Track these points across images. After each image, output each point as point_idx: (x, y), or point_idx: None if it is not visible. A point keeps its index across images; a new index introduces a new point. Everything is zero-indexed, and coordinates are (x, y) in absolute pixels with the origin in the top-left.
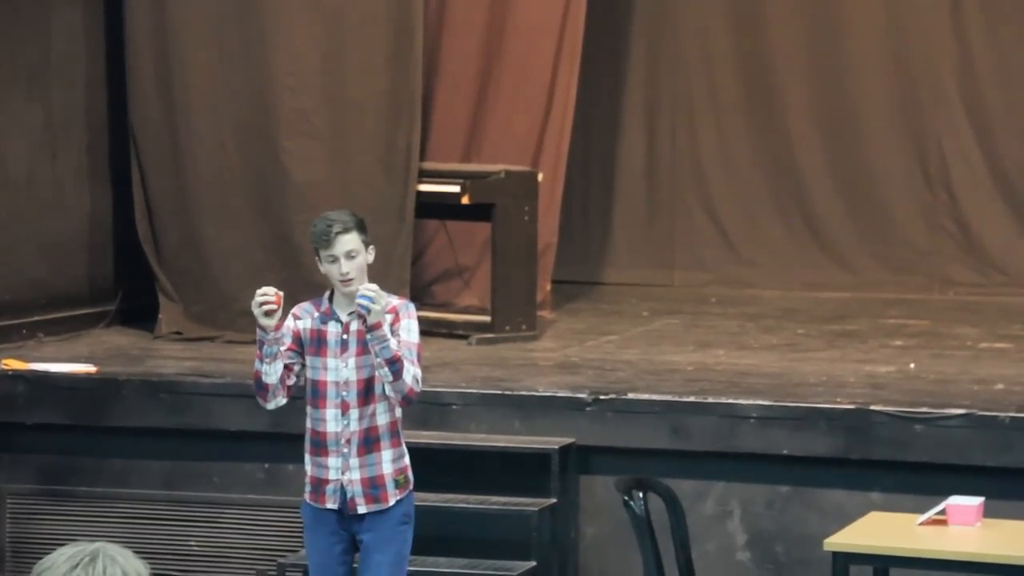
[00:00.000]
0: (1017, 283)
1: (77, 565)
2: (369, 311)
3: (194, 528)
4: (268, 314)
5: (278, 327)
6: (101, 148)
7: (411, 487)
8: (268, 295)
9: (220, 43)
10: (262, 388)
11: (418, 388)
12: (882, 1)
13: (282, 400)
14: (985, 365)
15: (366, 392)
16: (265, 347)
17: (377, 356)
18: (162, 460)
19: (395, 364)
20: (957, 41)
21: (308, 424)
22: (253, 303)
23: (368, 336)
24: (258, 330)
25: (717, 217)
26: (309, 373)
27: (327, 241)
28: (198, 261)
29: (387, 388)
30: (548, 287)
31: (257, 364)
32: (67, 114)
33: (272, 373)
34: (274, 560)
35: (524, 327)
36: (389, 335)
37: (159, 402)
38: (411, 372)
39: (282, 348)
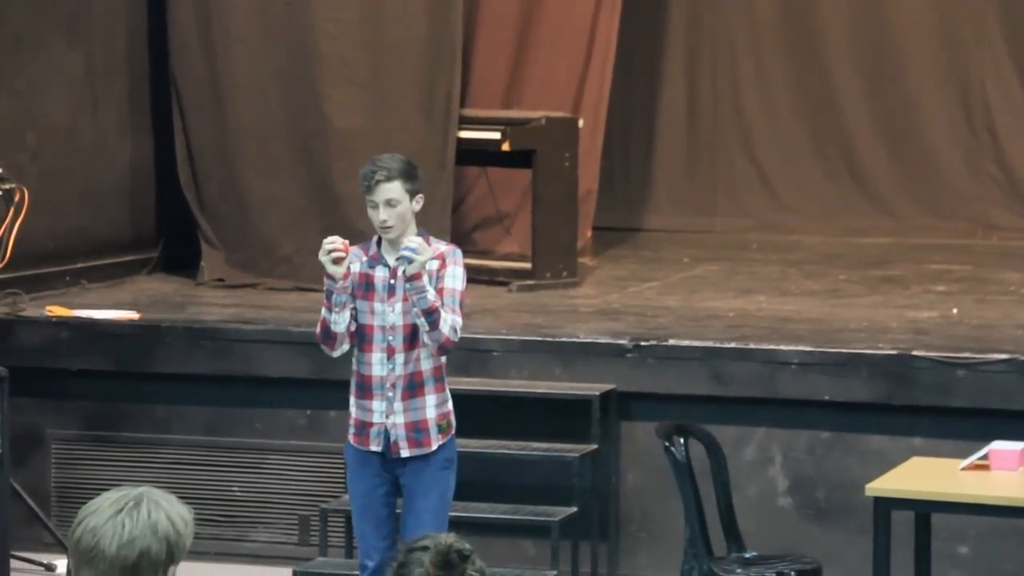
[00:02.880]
0: None
1: (121, 510)
2: (411, 261)
3: (237, 474)
4: (336, 262)
5: (346, 276)
6: (143, 96)
7: (453, 432)
8: (336, 243)
9: None
10: (330, 337)
11: (455, 337)
12: None
13: (347, 346)
14: None
15: (412, 337)
16: (334, 296)
17: (414, 306)
18: (205, 406)
19: (432, 315)
20: None
21: (354, 367)
22: (321, 252)
23: (407, 286)
24: (326, 280)
25: (758, 163)
26: (356, 316)
27: (368, 187)
28: (239, 208)
29: (424, 336)
30: (589, 234)
31: (325, 313)
32: (108, 62)
33: (340, 322)
34: (316, 506)
35: (565, 274)
36: (427, 286)
37: (201, 349)
38: (448, 322)
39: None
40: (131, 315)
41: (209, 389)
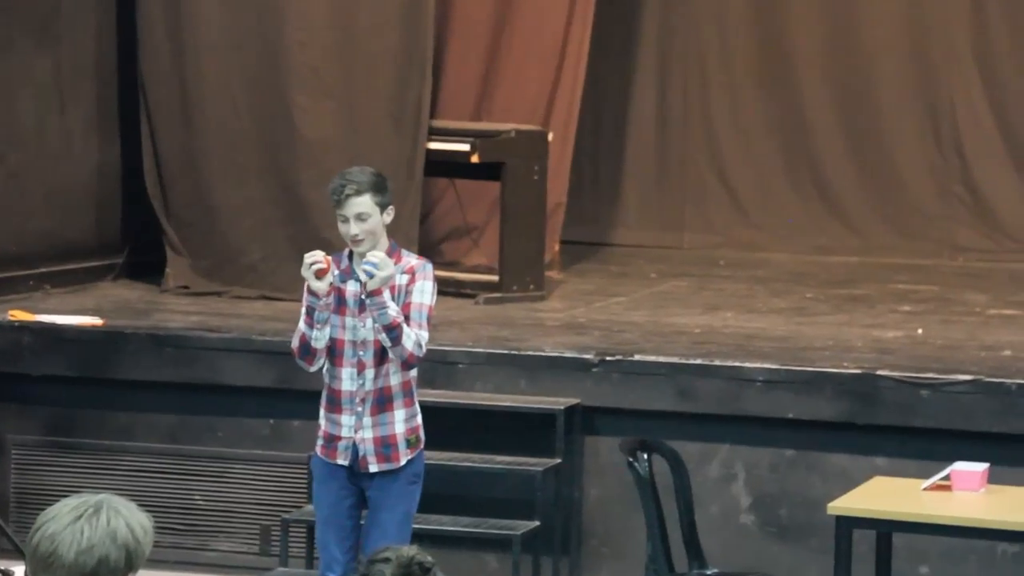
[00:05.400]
0: None
1: (80, 516)
2: (372, 276)
3: (198, 482)
4: (319, 277)
5: (329, 292)
6: (111, 100)
7: (422, 446)
8: (318, 257)
9: None
10: (309, 353)
11: (420, 353)
12: None
13: (323, 361)
14: (993, 331)
15: (383, 352)
16: (317, 313)
17: (375, 322)
18: (167, 414)
19: (393, 331)
20: (972, 4)
21: (325, 379)
22: (303, 268)
23: (367, 301)
24: (308, 296)
25: (727, 180)
26: None
27: (338, 201)
28: (206, 215)
29: (389, 351)
30: (556, 247)
31: (305, 329)
32: (77, 65)
33: (321, 338)
34: (278, 516)
35: (532, 287)
36: (388, 302)
37: (165, 356)
38: (412, 337)
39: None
40: (94, 321)
41: (172, 397)
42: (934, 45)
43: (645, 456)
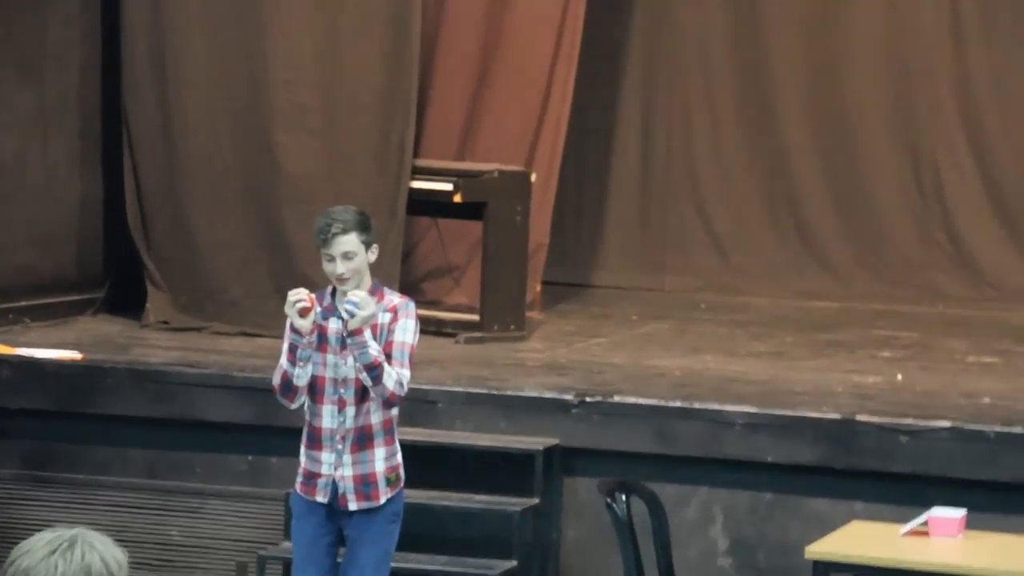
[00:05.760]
0: (1008, 298)
1: (55, 551)
2: (353, 315)
3: (175, 518)
4: (303, 315)
5: (313, 330)
6: (94, 135)
7: (402, 485)
8: (301, 294)
9: (216, 34)
10: (291, 391)
11: (401, 392)
12: (881, 11)
13: (304, 398)
14: (972, 379)
15: (364, 390)
16: (300, 351)
17: (356, 361)
18: (145, 449)
19: (374, 370)
20: (955, 52)
21: (306, 416)
22: (287, 305)
23: (348, 341)
24: (291, 334)
25: (709, 223)
26: None
27: (324, 240)
28: (187, 251)
29: (370, 390)
30: (538, 288)
31: (287, 367)
32: (60, 100)
33: (304, 376)
34: (255, 552)
35: (512, 327)
36: (369, 341)
37: (144, 391)
38: (393, 377)
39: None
40: (74, 355)
41: (150, 432)
42: (916, 92)
43: (623, 497)
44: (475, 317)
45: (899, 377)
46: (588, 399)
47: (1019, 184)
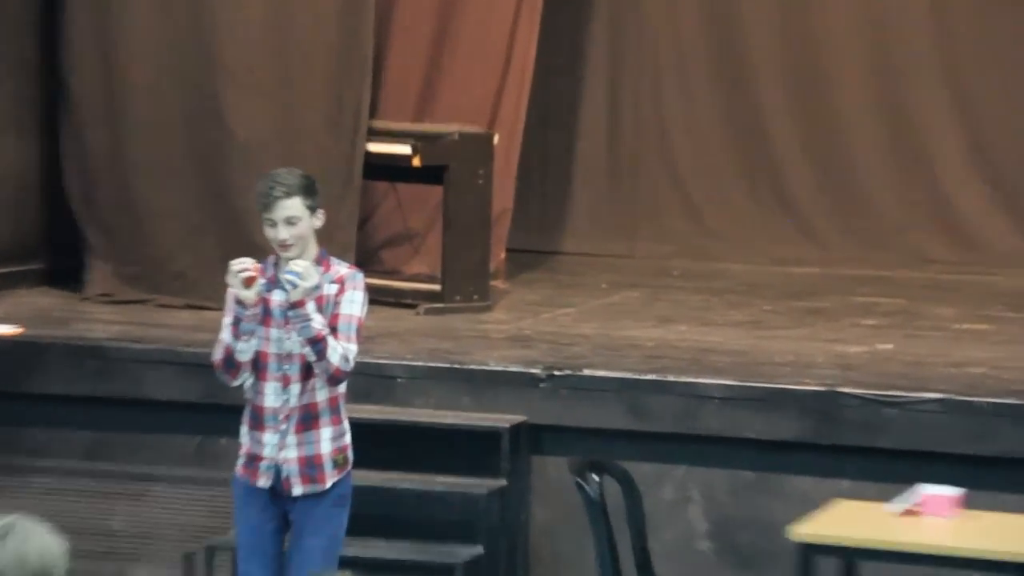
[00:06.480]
0: (996, 261)
1: None
2: (295, 286)
3: (118, 504)
4: (247, 285)
5: (258, 302)
6: (31, 98)
7: (350, 467)
8: (246, 264)
9: None
10: (233, 366)
11: (347, 367)
12: None
13: (247, 375)
14: (962, 347)
15: (309, 367)
16: (243, 324)
17: (298, 335)
18: (86, 430)
19: (317, 344)
20: (935, 10)
21: (247, 395)
22: (228, 275)
23: (289, 313)
24: (234, 306)
25: (682, 186)
26: None
27: (266, 204)
28: (131, 219)
29: (313, 366)
30: (502, 255)
31: (229, 341)
32: None
33: (247, 351)
34: (202, 540)
35: (476, 297)
36: (312, 314)
37: (84, 368)
38: (338, 351)
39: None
40: (12, 330)
41: (91, 412)
42: (896, 51)
43: (595, 477)
44: (436, 287)
45: (886, 346)
46: (556, 373)
47: (1005, 142)
